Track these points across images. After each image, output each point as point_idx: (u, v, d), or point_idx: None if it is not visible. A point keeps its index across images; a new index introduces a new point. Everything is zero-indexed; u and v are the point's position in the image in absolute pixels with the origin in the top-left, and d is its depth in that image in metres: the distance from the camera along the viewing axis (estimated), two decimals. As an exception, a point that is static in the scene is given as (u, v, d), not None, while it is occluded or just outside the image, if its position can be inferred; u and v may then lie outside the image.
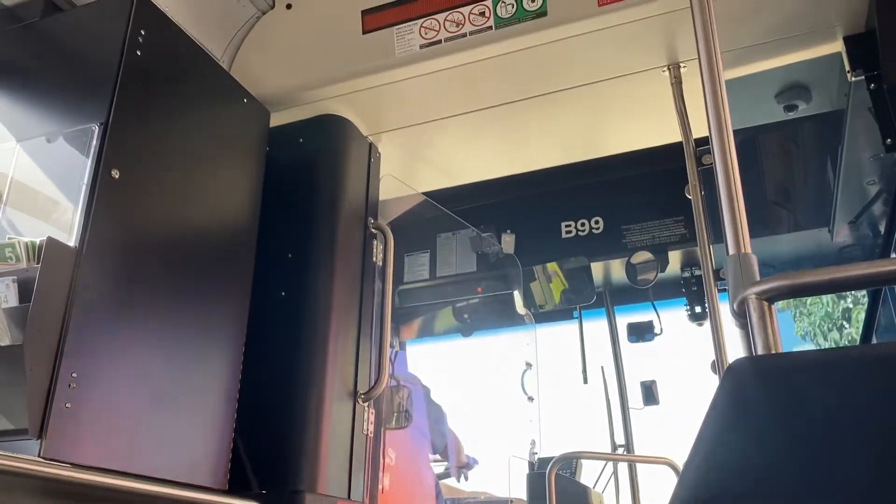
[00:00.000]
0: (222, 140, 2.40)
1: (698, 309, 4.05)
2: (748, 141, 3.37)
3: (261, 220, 2.49)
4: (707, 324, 4.08)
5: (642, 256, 3.85)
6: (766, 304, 1.00)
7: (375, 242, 2.81)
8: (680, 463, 3.57)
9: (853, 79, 2.44)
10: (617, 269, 4.21)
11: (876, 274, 0.98)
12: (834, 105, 2.82)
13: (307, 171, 2.70)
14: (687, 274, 4.12)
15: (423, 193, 3.46)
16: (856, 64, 2.42)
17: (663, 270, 3.87)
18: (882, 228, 3.55)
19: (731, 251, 1.12)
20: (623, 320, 4.41)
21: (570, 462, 3.71)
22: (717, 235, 2.19)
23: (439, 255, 4.20)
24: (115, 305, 1.86)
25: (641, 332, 4.30)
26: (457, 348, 4.45)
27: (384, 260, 2.80)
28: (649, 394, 4.37)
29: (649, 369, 4.44)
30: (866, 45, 2.42)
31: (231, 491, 2.13)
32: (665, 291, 4.16)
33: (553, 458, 3.27)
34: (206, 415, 2.10)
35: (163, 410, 1.94)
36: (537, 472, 3.46)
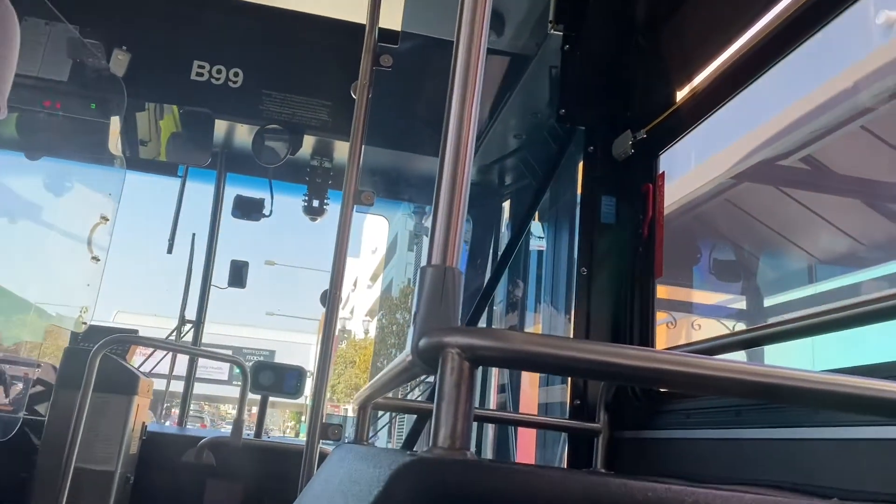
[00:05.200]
0: None
1: (316, 203, 3.74)
2: (430, 50, 3.04)
3: None
4: (320, 220, 3.83)
5: (276, 131, 3.37)
6: (468, 365, 0.65)
7: None
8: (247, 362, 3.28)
9: (552, 31, 2.26)
10: (242, 134, 3.66)
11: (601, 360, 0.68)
12: (521, 49, 2.64)
13: None
14: (315, 163, 3.76)
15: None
16: (561, 17, 2.24)
17: (294, 153, 3.45)
18: (507, 179, 3.66)
19: (436, 260, 0.74)
20: (232, 191, 3.91)
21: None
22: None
23: (21, 44, 3.13)
24: None
25: (249, 210, 3.86)
26: (16, 171, 3.46)
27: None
28: (238, 275, 3.99)
29: (247, 250, 4.05)
30: (577, 2, 2.24)
31: None
32: (286, 173, 3.75)
33: (105, 332, 2.71)
34: None
35: None
36: (79, 347, 2.82)
